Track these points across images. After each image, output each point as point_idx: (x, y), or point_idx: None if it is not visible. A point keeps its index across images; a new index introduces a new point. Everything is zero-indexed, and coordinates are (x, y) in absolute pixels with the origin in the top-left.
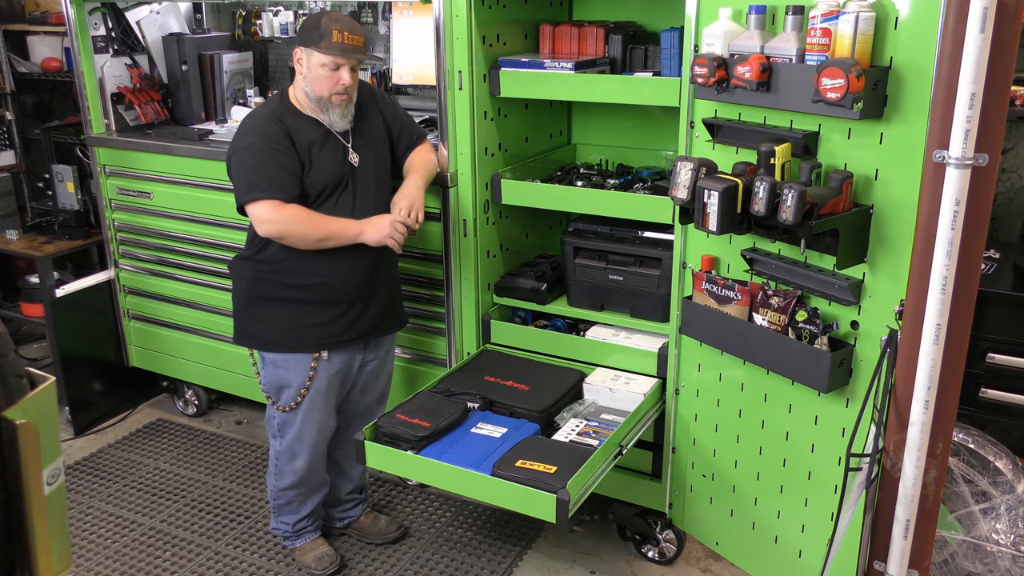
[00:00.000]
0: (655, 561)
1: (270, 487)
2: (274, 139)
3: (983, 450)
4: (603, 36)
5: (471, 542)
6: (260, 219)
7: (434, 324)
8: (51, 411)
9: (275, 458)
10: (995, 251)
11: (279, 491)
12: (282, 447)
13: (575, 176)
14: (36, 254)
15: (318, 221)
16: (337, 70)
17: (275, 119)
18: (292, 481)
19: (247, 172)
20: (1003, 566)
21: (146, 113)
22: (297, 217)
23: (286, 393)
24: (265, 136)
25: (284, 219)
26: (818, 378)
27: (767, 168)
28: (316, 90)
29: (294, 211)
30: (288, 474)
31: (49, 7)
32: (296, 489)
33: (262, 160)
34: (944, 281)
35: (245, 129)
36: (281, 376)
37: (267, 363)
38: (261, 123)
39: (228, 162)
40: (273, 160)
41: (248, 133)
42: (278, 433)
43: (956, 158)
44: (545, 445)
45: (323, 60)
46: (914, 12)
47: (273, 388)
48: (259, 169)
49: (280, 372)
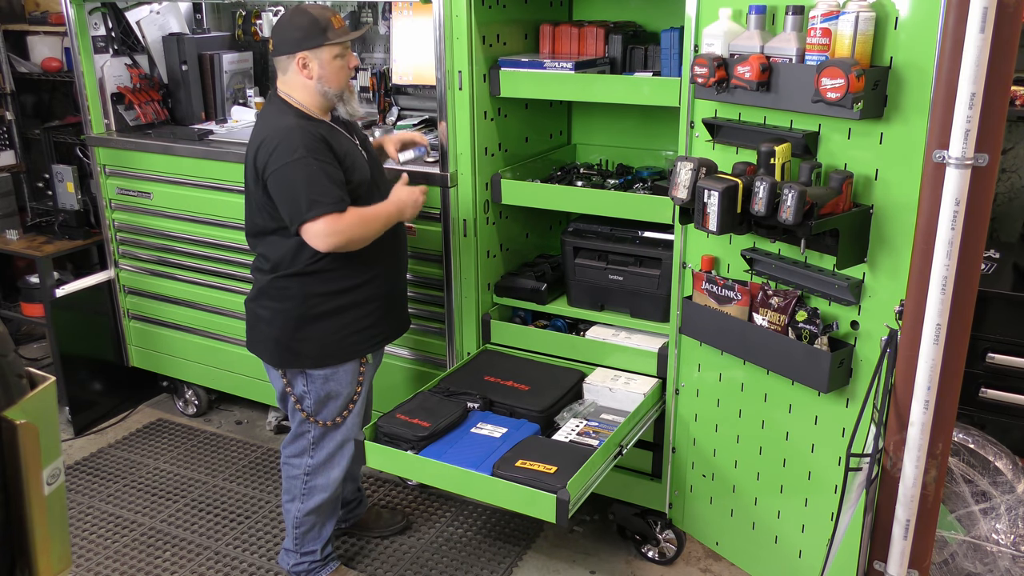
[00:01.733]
0: (655, 561)
1: (293, 514)
2: (318, 151)
3: (983, 450)
4: (603, 36)
5: (471, 542)
6: (324, 233)
7: (434, 324)
8: (51, 411)
9: (304, 476)
10: (995, 251)
11: (304, 515)
12: (316, 460)
13: (575, 176)
14: (36, 254)
15: (368, 217)
16: (345, 56)
17: (307, 130)
18: (323, 498)
19: (304, 188)
20: (1003, 566)
21: (146, 113)
22: (355, 221)
23: (332, 406)
24: (309, 148)
25: (346, 227)
26: (818, 378)
27: (767, 168)
28: (335, 85)
29: (350, 216)
30: (320, 490)
31: (49, 7)
32: (323, 508)
33: (314, 174)
34: (944, 281)
35: (284, 144)
36: (331, 389)
37: (314, 379)
38: (300, 136)
39: (264, 179)
40: (324, 172)
41: (291, 148)
42: (310, 448)
43: (956, 158)
44: (545, 445)
45: (335, 51)
46: (914, 12)
47: (318, 404)
48: (315, 184)
49: (330, 386)
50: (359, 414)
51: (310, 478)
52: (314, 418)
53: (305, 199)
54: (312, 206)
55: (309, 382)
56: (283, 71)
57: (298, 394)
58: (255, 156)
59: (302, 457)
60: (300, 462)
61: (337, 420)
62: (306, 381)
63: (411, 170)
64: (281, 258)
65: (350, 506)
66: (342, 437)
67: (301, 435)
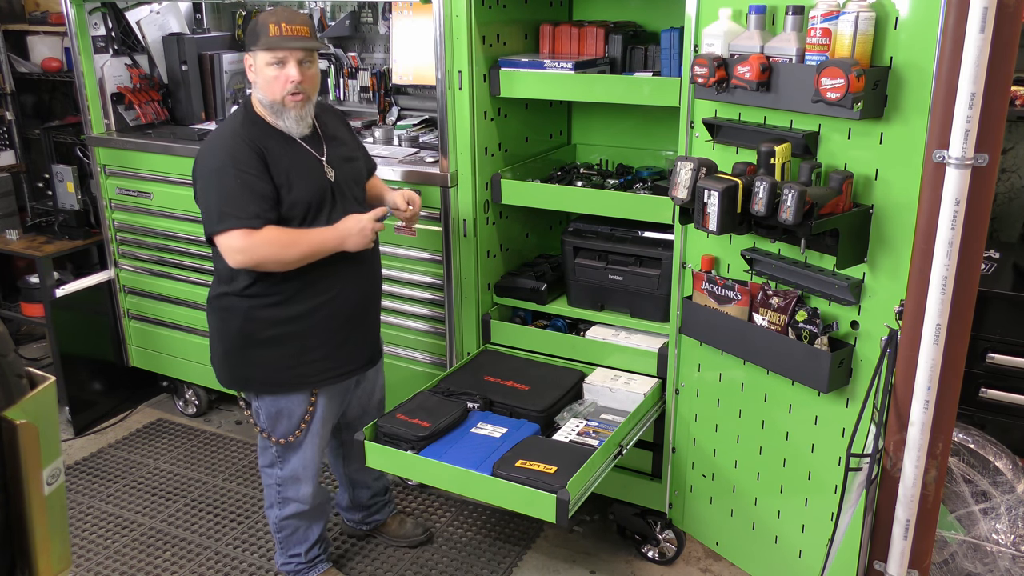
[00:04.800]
0: (655, 561)
1: (272, 519)
2: (244, 161)
3: (983, 450)
4: (603, 36)
5: (471, 542)
6: (231, 249)
7: (434, 324)
8: (51, 411)
9: (276, 486)
10: (995, 251)
11: (282, 521)
12: (284, 473)
13: (575, 176)
14: (36, 254)
15: (293, 239)
16: (283, 66)
17: (244, 138)
18: (297, 509)
19: (216, 199)
20: (1003, 566)
21: (146, 113)
22: (269, 240)
23: (283, 425)
24: (234, 158)
25: (256, 245)
26: (818, 378)
27: (767, 168)
28: (268, 94)
29: (266, 234)
30: (293, 502)
31: (49, 7)
32: (300, 517)
33: (231, 185)
34: (944, 281)
35: (211, 148)
36: (281, 408)
37: (262, 398)
38: (229, 142)
39: (194, 185)
40: (243, 184)
41: (215, 153)
42: (277, 461)
43: (956, 158)
44: (545, 445)
45: (267, 59)
46: (914, 12)
47: (270, 420)
48: (229, 195)
49: (280, 404)
50: (320, 435)
51: (282, 489)
52: (267, 433)
53: (216, 210)
54: (222, 218)
55: (260, 399)
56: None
57: (253, 409)
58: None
59: (272, 468)
60: (271, 472)
61: (291, 440)
62: (257, 398)
63: (411, 170)
64: (222, 273)
65: (370, 511)
66: (301, 456)
67: (266, 448)
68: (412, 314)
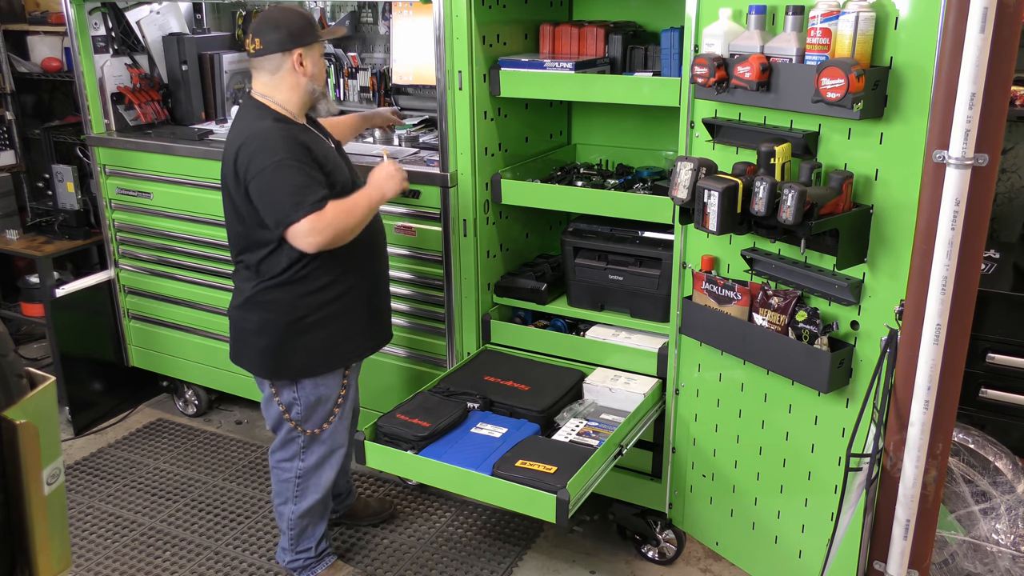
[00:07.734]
0: (655, 561)
1: (288, 515)
2: (297, 153)
3: (983, 450)
4: (603, 36)
5: (471, 542)
6: (309, 232)
7: (434, 324)
8: (51, 411)
9: (296, 479)
10: (995, 251)
11: (299, 517)
12: (308, 464)
13: (575, 176)
14: (36, 254)
15: (348, 207)
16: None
17: (288, 133)
18: (316, 499)
19: (286, 191)
20: (1003, 566)
21: (146, 113)
22: (335, 215)
23: (320, 412)
24: (289, 151)
25: (327, 225)
26: (818, 378)
27: (767, 168)
28: (319, 82)
29: (331, 211)
30: (313, 491)
31: (49, 7)
32: (315, 508)
33: (295, 176)
34: (944, 281)
35: (259, 148)
36: (321, 394)
37: (303, 387)
38: (279, 138)
39: (246, 183)
40: (304, 174)
41: (266, 151)
42: (302, 452)
43: (956, 158)
44: (545, 445)
45: (322, 49)
46: (914, 12)
47: (307, 410)
48: (297, 186)
49: (320, 391)
50: (345, 418)
51: (302, 480)
52: (301, 427)
53: (289, 202)
54: (296, 208)
55: (299, 389)
56: (271, 71)
57: (286, 403)
58: (235, 160)
59: (293, 461)
60: (291, 466)
61: (324, 426)
62: (295, 389)
63: (411, 170)
64: (265, 265)
65: (340, 497)
66: (331, 442)
67: (290, 440)
68: (412, 314)
